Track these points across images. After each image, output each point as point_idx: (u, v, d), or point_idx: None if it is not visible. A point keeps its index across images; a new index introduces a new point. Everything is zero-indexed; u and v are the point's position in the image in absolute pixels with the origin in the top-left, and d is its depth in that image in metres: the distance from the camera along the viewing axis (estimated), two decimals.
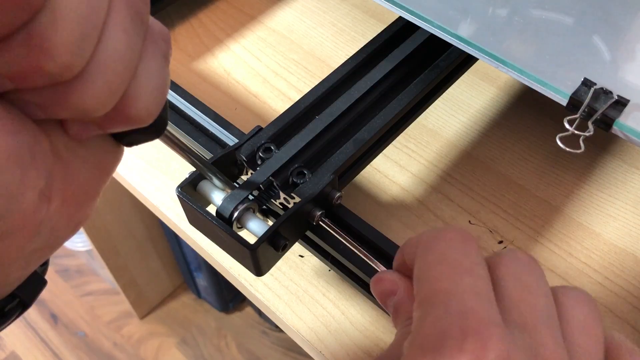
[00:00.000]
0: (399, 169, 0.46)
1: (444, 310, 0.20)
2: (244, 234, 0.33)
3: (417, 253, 0.23)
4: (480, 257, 0.23)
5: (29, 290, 0.23)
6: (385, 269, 0.34)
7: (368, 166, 0.45)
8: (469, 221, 0.43)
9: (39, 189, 0.18)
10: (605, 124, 0.34)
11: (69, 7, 0.15)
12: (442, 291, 0.21)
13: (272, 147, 0.38)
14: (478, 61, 0.48)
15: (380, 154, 0.44)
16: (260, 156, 0.37)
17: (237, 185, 0.34)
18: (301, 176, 0.36)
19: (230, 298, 1.27)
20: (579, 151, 0.34)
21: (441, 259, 0.22)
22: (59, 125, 0.19)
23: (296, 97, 0.50)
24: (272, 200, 0.36)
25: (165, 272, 1.25)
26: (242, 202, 0.33)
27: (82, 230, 0.99)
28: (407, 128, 0.45)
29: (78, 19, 0.16)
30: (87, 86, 0.17)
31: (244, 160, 0.37)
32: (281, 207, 0.36)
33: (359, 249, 0.35)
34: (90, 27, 0.16)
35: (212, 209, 0.34)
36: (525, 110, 0.50)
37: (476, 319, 0.20)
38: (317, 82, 0.42)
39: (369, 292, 0.38)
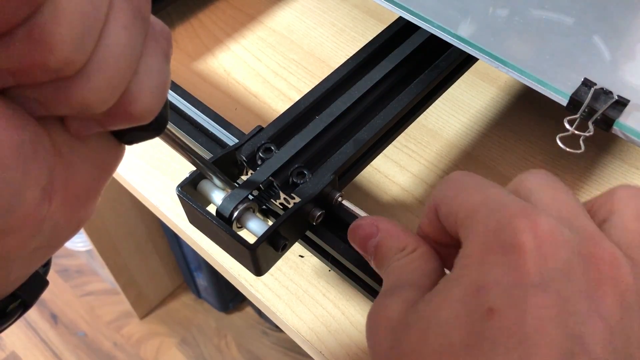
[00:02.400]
0: (399, 169, 0.46)
1: (488, 214, 0.22)
2: (243, 233, 0.33)
3: (436, 200, 0.25)
4: (487, 180, 0.25)
5: (30, 290, 0.23)
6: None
7: (368, 166, 0.45)
8: None
9: (41, 186, 0.18)
10: (606, 124, 0.34)
11: (71, 2, 0.15)
12: (476, 204, 0.22)
13: (272, 147, 0.38)
14: (478, 61, 0.49)
15: (381, 154, 0.44)
16: (260, 156, 0.37)
17: (237, 185, 0.34)
18: (301, 176, 0.36)
19: (230, 298, 1.27)
20: (579, 151, 0.34)
21: (461, 188, 0.24)
22: (59, 122, 0.19)
23: (296, 97, 0.50)
24: (272, 200, 0.36)
25: (165, 272, 1.25)
26: (242, 202, 0.33)
27: (82, 230, 0.99)
28: (407, 128, 0.45)
29: (80, 14, 0.16)
30: (88, 82, 0.17)
31: (244, 161, 0.37)
32: (281, 207, 0.36)
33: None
34: (92, 22, 0.16)
35: (212, 209, 0.34)
36: (526, 110, 0.50)
37: (517, 206, 0.21)
38: (317, 82, 0.42)
39: (369, 292, 0.38)
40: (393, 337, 0.22)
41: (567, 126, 0.34)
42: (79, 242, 1.37)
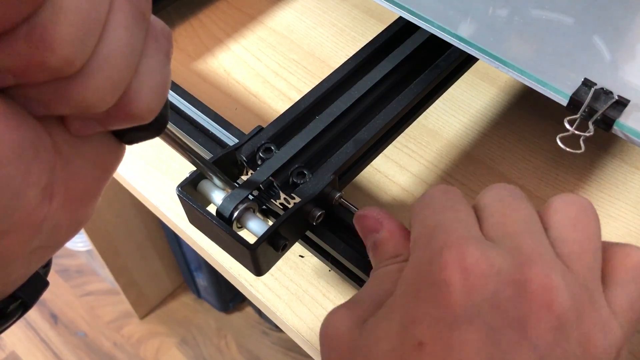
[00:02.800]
0: (399, 169, 0.46)
1: (428, 241, 0.23)
2: (244, 233, 0.33)
3: (411, 213, 0.26)
4: (461, 198, 0.25)
5: (30, 291, 0.23)
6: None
7: (368, 166, 0.45)
8: None
9: (42, 186, 0.18)
10: (606, 124, 0.34)
11: (72, 2, 0.15)
12: (428, 227, 0.24)
13: (273, 147, 0.38)
14: (478, 61, 0.49)
15: (381, 154, 0.44)
16: (260, 156, 0.37)
17: (237, 185, 0.34)
18: (301, 176, 0.36)
19: (230, 298, 1.27)
20: (579, 151, 0.34)
21: (426, 206, 0.25)
22: (60, 122, 0.19)
23: (296, 97, 0.50)
24: (272, 200, 0.36)
25: (165, 272, 1.25)
26: (242, 202, 0.33)
27: (82, 230, 0.99)
28: (407, 128, 0.45)
29: (80, 13, 0.16)
30: (89, 81, 0.17)
31: (244, 161, 0.37)
32: (281, 207, 0.36)
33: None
34: (92, 22, 0.16)
35: (212, 209, 0.34)
36: (526, 110, 0.50)
37: (455, 237, 0.22)
38: (317, 82, 0.42)
39: None
40: (339, 355, 0.23)
41: (567, 126, 0.34)
42: (79, 242, 1.37)
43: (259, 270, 0.34)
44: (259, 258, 0.33)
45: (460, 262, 0.21)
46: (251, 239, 0.32)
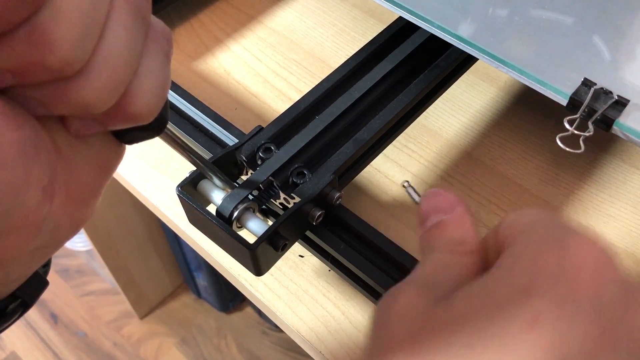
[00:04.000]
0: (399, 169, 0.46)
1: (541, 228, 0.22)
2: (243, 233, 0.33)
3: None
4: None
5: (30, 290, 0.23)
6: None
7: (368, 166, 0.45)
8: None
9: (42, 185, 0.18)
10: (605, 124, 0.34)
11: (71, 3, 0.15)
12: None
13: (272, 147, 0.38)
14: (478, 61, 0.49)
15: (380, 154, 0.44)
16: (260, 156, 0.37)
17: (237, 185, 0.35)
18: (301, 176, 0.36)
19: (230, 298, 1.27)
20: (579, 151, 0.34)
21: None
22: (60, 122, 0.19)
23: (296, 97, 0.50)
24: (272, 200, 0.36)
25: (165, 272, 1.25)
26: (242, 202, 0.33)
27: (82, 230, 0.99)
28: (407, 128, 0.45)
29: (80, 14, 0.16)
30: (89, 82, 0.17)
31: (244, 160, 0.37)
32: (281, 207, 0.36)
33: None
34: (92, 23, 0.16)
35: (212, 209, 0.34)
36: (526, 110, 0.50)
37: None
38: (317, 82, 0.42)
39: (369, 292, 0.38)
40: (415, 328, 0.21)
41: (567, 126, 0.34)
42: (79, 242, 1.37)
43: (258, 270, 0.34)
44: (258, 258, 0.33)
45: (592, 249, 0.20)
46: (251, 239, 0.32)
